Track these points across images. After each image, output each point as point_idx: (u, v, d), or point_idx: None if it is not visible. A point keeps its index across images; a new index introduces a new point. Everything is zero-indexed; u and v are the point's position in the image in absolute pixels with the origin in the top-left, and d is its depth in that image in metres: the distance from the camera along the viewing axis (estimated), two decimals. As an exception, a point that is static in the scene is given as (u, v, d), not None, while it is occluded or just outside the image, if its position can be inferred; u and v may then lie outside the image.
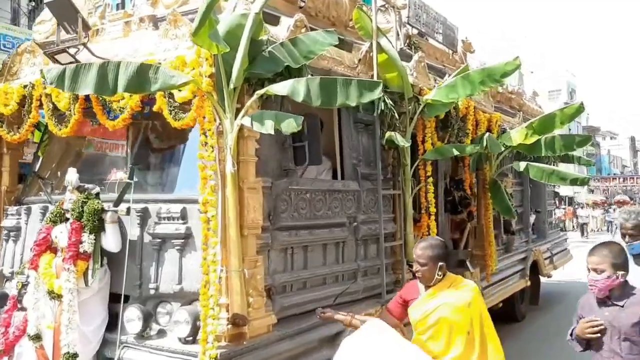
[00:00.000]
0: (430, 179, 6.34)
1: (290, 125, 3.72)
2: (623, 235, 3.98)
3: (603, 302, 3.24)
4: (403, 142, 5.66)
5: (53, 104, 5.05)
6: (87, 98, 4.76)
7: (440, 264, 3.47)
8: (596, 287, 3.21)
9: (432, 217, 6.34)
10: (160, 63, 4.24)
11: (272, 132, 3.80)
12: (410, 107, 6.07)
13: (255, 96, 4.10)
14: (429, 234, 6.29)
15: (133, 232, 4.52)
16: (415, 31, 7.61)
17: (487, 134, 7.36)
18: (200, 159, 4.05)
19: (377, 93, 4.29)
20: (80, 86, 3.84)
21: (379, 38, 5.74)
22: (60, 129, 5.03)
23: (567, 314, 9.80)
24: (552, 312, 11.17)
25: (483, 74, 5.84)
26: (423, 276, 3.52)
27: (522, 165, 7.88)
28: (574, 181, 7.54)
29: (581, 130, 55.49)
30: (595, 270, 3.21)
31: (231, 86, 4.06)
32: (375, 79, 5.73)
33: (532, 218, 11.26)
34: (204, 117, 4.06)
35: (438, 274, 3.48)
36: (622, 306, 3.18)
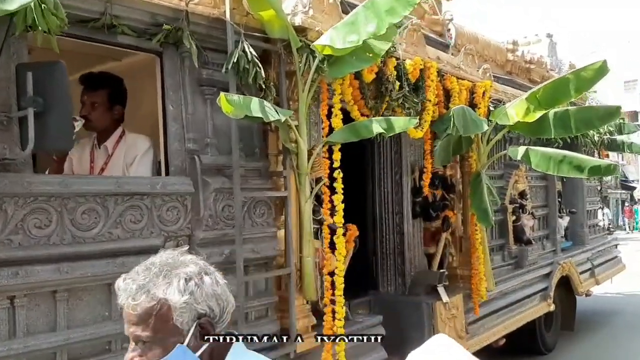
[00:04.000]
0: (339, 173, 3.95)
1: None
2: None
3: None
4: (271, 116, 3.32)
5: None
6: None
7: None
8: None
9: (340, 231, 3.95)
10: None
11: None
12: (301, 64, 3.72)
13: None
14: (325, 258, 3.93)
15: None
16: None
17: (459, 107, 4.89)
18: None
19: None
20: None
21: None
22: None
23: (615, 340, 7.14)
24: (594, 338, 8.45)
25: (392, -2, 3.42)
26: None
27: (521, 151, 5.33)
28: (594, 171, 4.93)
29: (658, 122, 49.75)
30: None
31: None
32: (228, 18, 3.43)
33: (566, 221, 8.55)
34: None
35: None
36: None
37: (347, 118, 4.14)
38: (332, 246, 4.15)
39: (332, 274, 4.07)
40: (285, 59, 3.79)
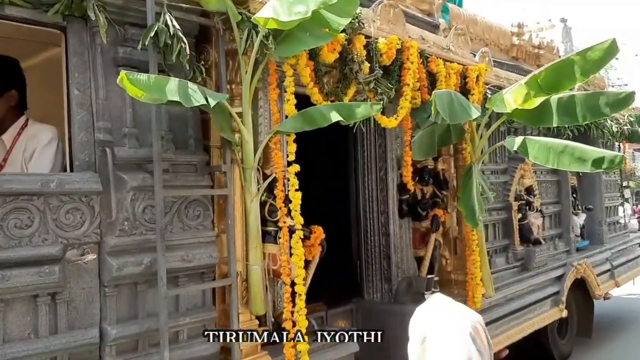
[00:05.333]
0: (294, 168, 3.35)
1: None
2: None
3: None
4: (195, 100, 2.74)
5: None
6: None
7: None
8: None
9: (299, 233, 3.34)
10: None
11: None
12: (242, 39, 3.15)
13: None
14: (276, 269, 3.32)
15: None
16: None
17: (444, 91, 4.24)
18: None
19: None
20: None
21: None
22: None
23: (637, 346, 6.26)
24: (613, 344, 7.69)
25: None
26: None
27: (517, 141, 4.65)
28: (598, 163, 4.22)
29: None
30: None
31: None
32: (148, -17, 2.87)
33: (582, 218, 7.79)
34: None
35: None
36: None
37: (303, 104, 3.54)
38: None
39: (293, 283, 3.49)
40: (224, 35, 3.21)
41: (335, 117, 3.26)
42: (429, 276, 4.70)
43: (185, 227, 3.03)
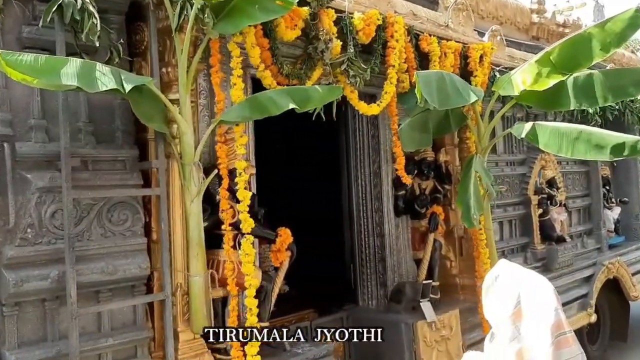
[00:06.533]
0: (242, 164, 2.83)
1: None
2: None
3: None
4: (102, 84, 2.27)
5: None
6: None
7: None
8: None
9: (250, 238, 2.82)
10: None
11: None
12: (175, 14, 2.66)
13: None
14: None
15: None
16: None
17: (434, 72, 3.65)
18: None
19: None
20: None
21: None
22: None
23: None
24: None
25: None
26: None
27: (526, 127, 4.01)
28: (618, 150, 3.55)
29: None
30: None
31: None
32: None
33: (616, 212, 7.00)
34: None
35: None
36: None
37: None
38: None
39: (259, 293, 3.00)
40: (156, 11, 2.73)
41: (287, 103, 2.73)
42: (424, 282, 4.12)
43: (108, 234, 2.57)
